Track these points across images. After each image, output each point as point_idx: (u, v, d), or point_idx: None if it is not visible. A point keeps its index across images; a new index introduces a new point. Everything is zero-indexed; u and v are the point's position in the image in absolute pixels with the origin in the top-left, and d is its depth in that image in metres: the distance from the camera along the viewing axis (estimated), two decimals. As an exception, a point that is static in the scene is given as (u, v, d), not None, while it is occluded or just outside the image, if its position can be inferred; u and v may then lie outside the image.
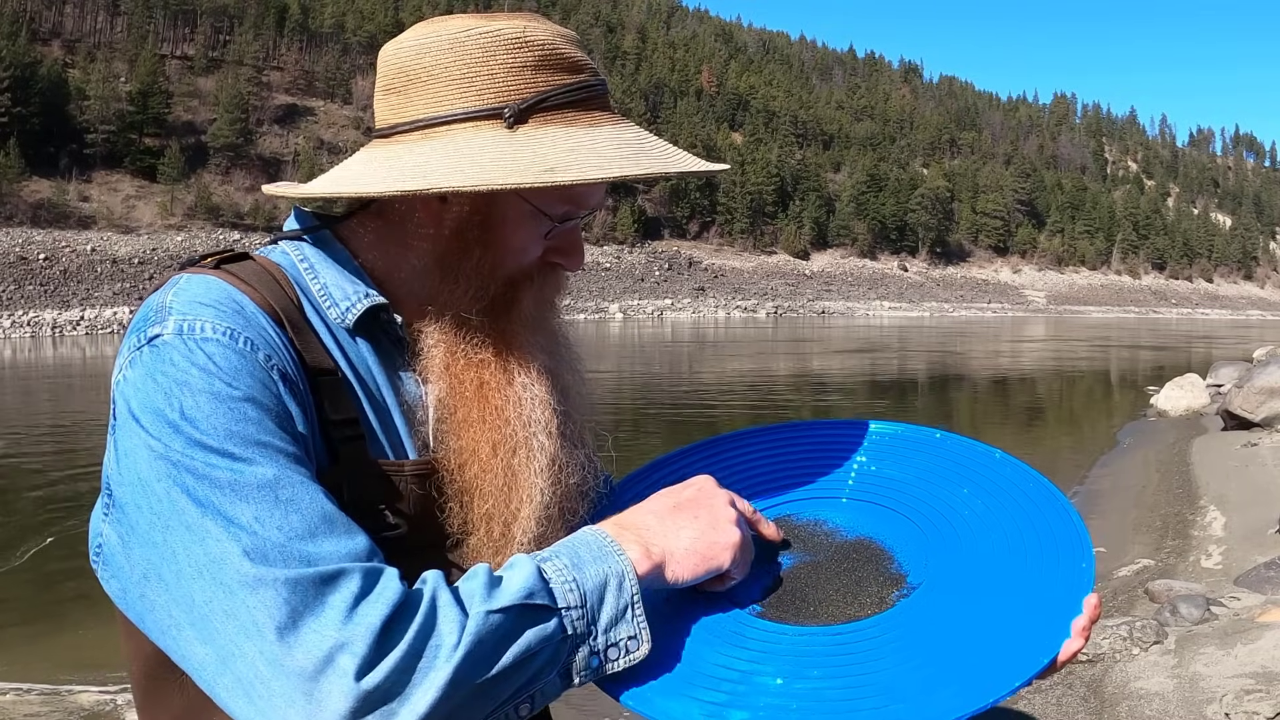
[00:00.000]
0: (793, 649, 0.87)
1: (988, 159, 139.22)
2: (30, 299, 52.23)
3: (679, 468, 1.13)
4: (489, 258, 0.97)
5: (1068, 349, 42.19)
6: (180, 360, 0.83)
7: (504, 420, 0.95)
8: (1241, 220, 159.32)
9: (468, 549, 0.96)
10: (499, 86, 0.92)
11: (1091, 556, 0.91)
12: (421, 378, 0.99)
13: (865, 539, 1.01)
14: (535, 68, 0.93)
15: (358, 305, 0.96)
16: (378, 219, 1.00)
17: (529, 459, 0.96)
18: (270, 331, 0.89)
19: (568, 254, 1.01)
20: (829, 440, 1.16)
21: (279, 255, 1.00)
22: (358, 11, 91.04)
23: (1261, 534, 7.89)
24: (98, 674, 5.66)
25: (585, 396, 1.07)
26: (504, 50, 0.93)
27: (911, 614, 0.89)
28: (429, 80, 0.94)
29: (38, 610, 7.29)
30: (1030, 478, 1.02)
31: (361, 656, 0.73)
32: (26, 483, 11.91)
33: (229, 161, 71.34)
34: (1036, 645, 0.83)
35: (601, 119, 0.96)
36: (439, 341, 0.97)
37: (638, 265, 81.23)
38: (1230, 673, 4.67)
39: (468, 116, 0.92)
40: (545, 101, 0.93)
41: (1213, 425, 14.76)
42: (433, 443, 0.98)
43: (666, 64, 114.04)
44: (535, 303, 1.00)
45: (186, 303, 0.87)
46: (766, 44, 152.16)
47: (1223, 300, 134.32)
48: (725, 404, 20.73)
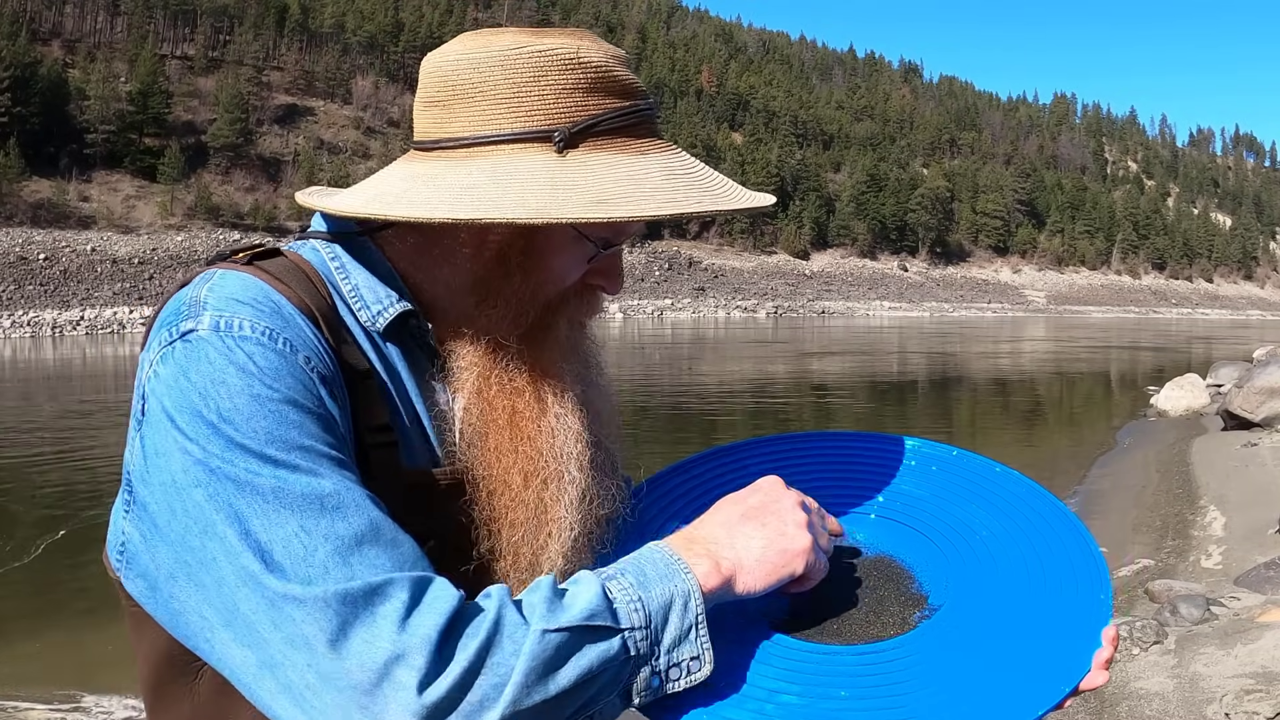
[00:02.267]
0: (818, 668, 0.87)
1: (988, 159, 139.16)
2: (30, 299, 52.21)
3: (700, 472, 1.12)
4: (530, 283, 0.94)
5: (1068, 349, 42.18)
6: (217, 358, 0.80)
7: (536, 451, 0.93)
8: (1241, 220, 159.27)
9: (495, 573, 0.94)
10: (549, 108, 0.89)
11: (1109, 588, 0.91)
12: (451, 393, 0.97)
13: (886, 557, 1.01)
14: (588, 90, 0.90)
15: (390, 309, 0.94)
16: (416, 232, 0.96)
17: (560, 492, 0.93)
18: (308, 332, 0.87)
19: (609, 277, 0.99)
20: (859, 454, 1.14)
21: (309, 252, 0.97)
22: (358, 11, 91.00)
23: (1261, 534, 7.89)
24: (45, 690, 5.56)
25: (615, 420, 1.05)
26: (556, 71, 0.89)
27: (934, 636, 0.89)
28: (475, 97, 0.90)
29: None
30: (1048, 502, 1.02)
31: (421, 669, 0.72)
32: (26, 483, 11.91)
33: (229, 161, 71.30)
34: (1058, 674, 0.83)
35: (651, 146, 0.94)
36: (472, 364, 0.95)
37: (638, 265, 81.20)
38: (1230, 673, 4.67)
39: (515, 138, 0.89)
40: (597, 126, 0.90)
41: (1213, 425, 14.77)
42: (461, 454, 0.96)
43: (666, 64, 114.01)
44: (570, 326, 0.98)
45: (222, 299, 0.84)
46: (766, 44, 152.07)
47: (1223, 300, 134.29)
48: (724, 402, 20.73)
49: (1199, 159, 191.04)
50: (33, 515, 10.33)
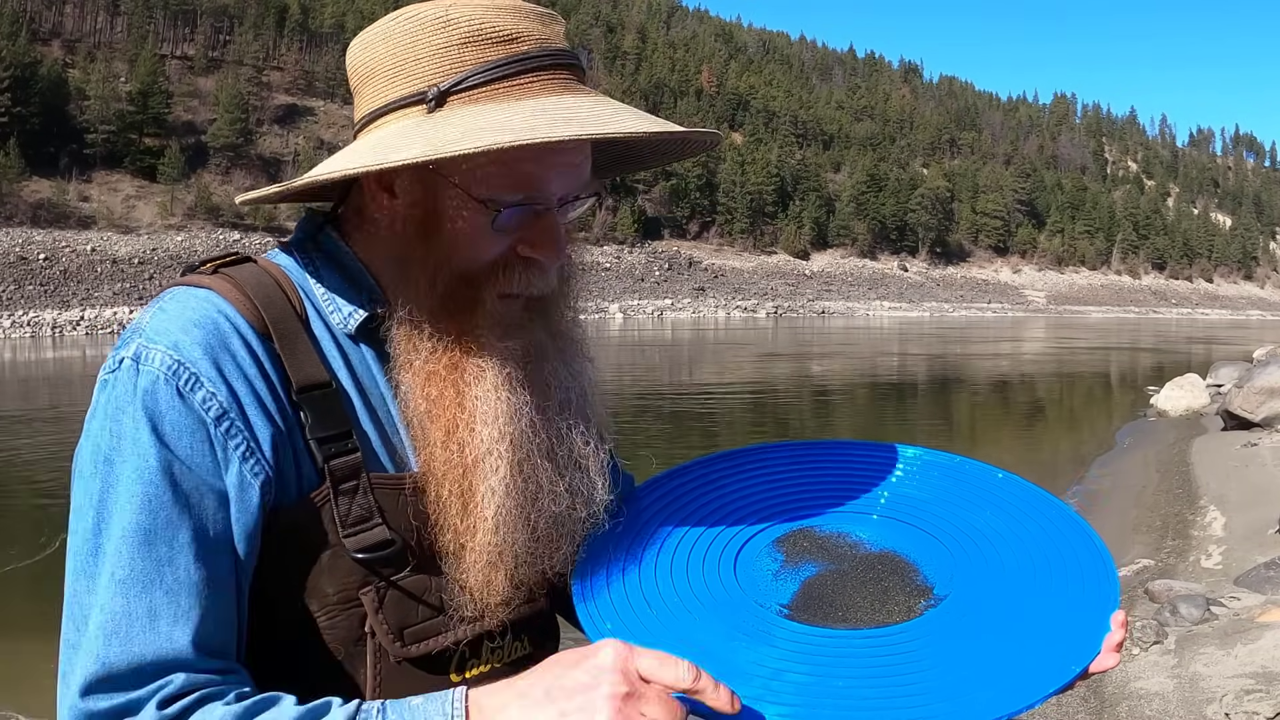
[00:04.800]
0: (822, 650, 0.87)
1: (988, 159, 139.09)
2: (30, 299, 52.20)
3: (699, 475, 1.12)
4: (435, 250, 0.92)
5: (1068, 349, 42.18)
6: (121, 397, 0.86)
7: (456, 442, 0.91)
8: (1241, 220, 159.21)
9: (461, 566, 0.93)
10: (424, 71, 0.90)
11: (1116, 578, 0.91)
12: (395, 385, 0.95)
13: (889, 552, 1.00)
14: (461, 46, 0.89)
15: (359, 312, 0.95)
16: (356, 215, 0.99)
17: (480, 481, 0.91)
18: (242, 353, 0.87)
19: (535, 245, 0.93)
20: (859, 460, 1.15)
21: (285, 258, 0.98)
22: (358, 11, 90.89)
23: (1261, 534, 7.89)
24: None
25: (590, 412, 1.00)
26: (427, 33, 0.90)
27: (941, 622, 0.89)
28: (370, 75, 0.94)
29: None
30: (1049, 503, 1.03)
31: None
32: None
33: (229, 161, 71.30)
34: (1067, 654, 0.83)
35: (540, 90, 0.90)
36: (403, 345, 0.94)
37: (638, 265, 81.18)
38: (1230, 673, 4.67)
39: (397, 105, 0.91)
40: (466, 80, 0.89)
41: (1213, 425, 14.76)
42: (416, 449, 0.95)
43: (666, 64, 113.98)
44: (504, 301, 0.94)
45: (157, 327, 0.88)
46: (766, 44, 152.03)
47: (1223, 300, 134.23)
48: (723, 401, 20.73)
49: (1199, 159, 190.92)
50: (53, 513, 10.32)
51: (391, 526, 0.91)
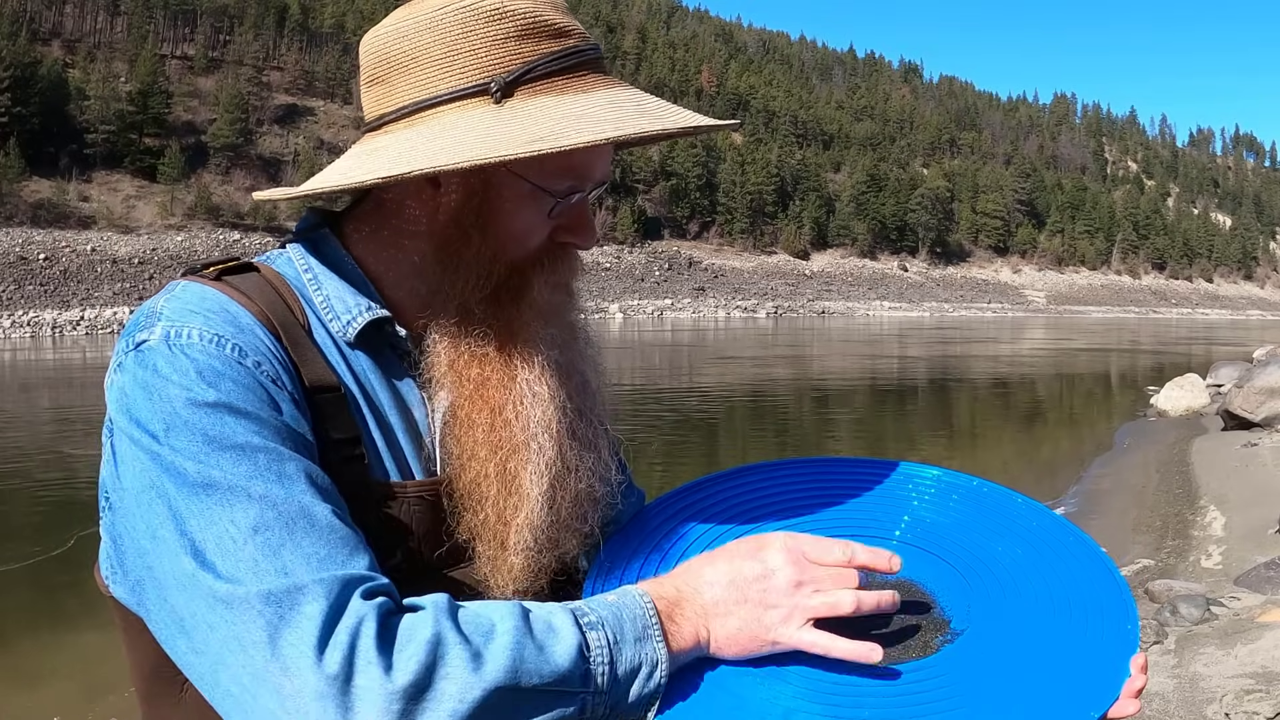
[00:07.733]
0: (836, 688, 0.85)
1: (988, 159, 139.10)
2: (30, 299, 52.18)
3: (713, 492, 1.11)
4: (490, 243, 0.92)
5: (1067, 349, 42.17)
6: (163, 366, 0.82)
7: (503, 421, 0.91)
8: (1241, 220, 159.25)
9: (475, 559, 0.93)
10: (482, 62, 0.89)
11: (1136, 619, 0.90)
12: (426, 381, 0.94)
13: (906, 581, 0.98)
14: (520, 38, 0.89)
15: (359, 318, 0.93)
16: (375, 215, 0.97)
17: (527, 461, 0.91)
18: (265, 343, 0.86)
19: (576, 231, 0.96)
20: (877, 480, 1.13)
21: (284, 264, 0.96)
22: (358, 11, 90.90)
23: (1261, 534, 7.89)
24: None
25: (604, 395, 1.02)
26: (483, 23, 0.89)
27: (957, 660, 0.88)
28: (410, 65, 0.90)
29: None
30: (1069, 532, 1.02)
31: (366, 673, 0.72)
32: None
33: (229, 161, 71.25)
34: (1085, 699, 0.82)
35: (596, 83, 0.92)
36: (443, 337, 0.93)
37: (638, 265, 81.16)
38: (1230, 673, 4.67)
39: (453, 96, 0.89)
40: (532, 71, 0.89)
41: (1213, 425, 14.77)
42: (438, 458, 0.94)
43: (666, 64, 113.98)
44: (549, 288, 0.95)
45: (177, 310, 0.86)
46: (766, 44, 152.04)
47: (1223, 300, 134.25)
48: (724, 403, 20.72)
49: (1199, 159, 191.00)
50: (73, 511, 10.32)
51: (393, 535, 0.90)
